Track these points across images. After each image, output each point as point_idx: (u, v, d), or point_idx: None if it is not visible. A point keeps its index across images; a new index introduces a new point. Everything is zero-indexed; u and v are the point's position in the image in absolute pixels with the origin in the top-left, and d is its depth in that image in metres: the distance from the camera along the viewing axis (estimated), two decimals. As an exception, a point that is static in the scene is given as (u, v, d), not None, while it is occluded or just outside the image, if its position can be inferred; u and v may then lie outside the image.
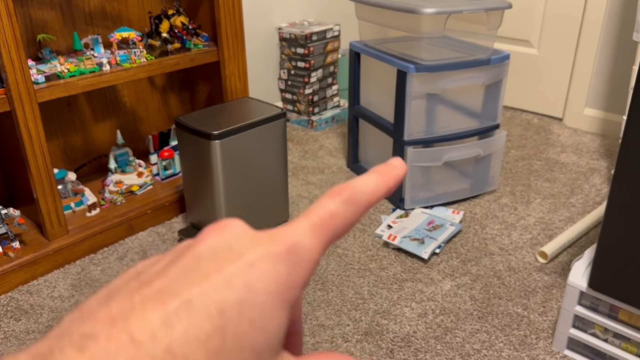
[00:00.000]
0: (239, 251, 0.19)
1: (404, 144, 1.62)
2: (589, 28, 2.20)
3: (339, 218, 0.21)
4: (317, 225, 0.21)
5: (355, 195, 0.22)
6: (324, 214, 0.21)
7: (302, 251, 0.20)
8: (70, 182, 1.60)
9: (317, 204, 0.22)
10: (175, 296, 0.17)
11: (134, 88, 1.82)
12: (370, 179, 0.23)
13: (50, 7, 1.54)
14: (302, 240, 0.20)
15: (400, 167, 0.24)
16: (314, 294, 1.37)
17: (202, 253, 0.19)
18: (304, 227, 0.20)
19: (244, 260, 0.18)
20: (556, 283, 1.39)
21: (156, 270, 0.19)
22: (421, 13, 1.44)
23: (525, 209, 1.72)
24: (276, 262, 0.19)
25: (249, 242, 0.19)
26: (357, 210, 0.22)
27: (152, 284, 0.18)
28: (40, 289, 1.41)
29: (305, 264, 0.20)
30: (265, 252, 0.19)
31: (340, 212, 0.21)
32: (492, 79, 1.64)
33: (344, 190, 0.22)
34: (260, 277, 0.18)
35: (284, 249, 0.19)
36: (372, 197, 0.23)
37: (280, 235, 0.20)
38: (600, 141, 2.21)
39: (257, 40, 2.28)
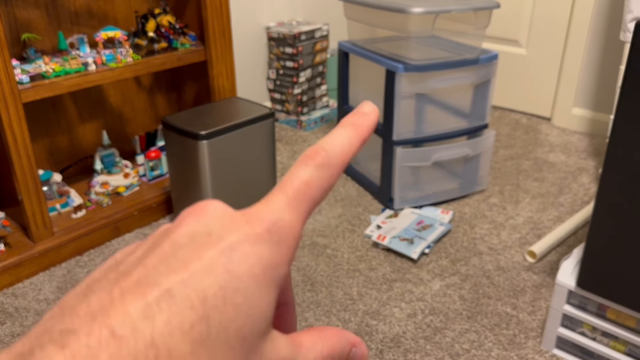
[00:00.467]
0: (218, 235, 0.18)
1: (393, 144, 1.62)
2: (576, 28, 2.21)
3: (315, 185, 0.21)
4: (294, 197, 0.20)
5: (329, 157, 0.21)
6: (299, 184, 0.20)
7: (283, 228, 0.19)
8: (55, 183, 1.58)
9: (291, 173, 0.21)
10: (154, 286, 0.17)
11: (120, 88, 1.80)
12: (342, 135, 0.22)
13: (35, 6, 1.52)
14: (282, 216, 0.19)
15: (371, 113, 0.23)
16: (303, 295, 1.36)
17: (180, 240, 0.18)
18: (281, 202, 0.20)
19: (224, 245, 0.18)
20: (545, 282, 1.40)
21: (134, 260, 0.18)
22: (410, 12, 1.44)
23: (514, 209, 1.73)
24: (257, 243, 0.18)
25: (228, 224, 0.19)
26: (332, 174, 0.21)
27: (130, 274, 0.17)
28: (25, 292, 1.39)
29: (287, 240, 0.19)
30: (246, 234, 0.18)
31: (316, 178, 0.21)
32: (480, 78, 1.64)
33: (317, 153, 0.21)
34: (242, 261, 0.18)
35: (264, 229, 0.19)
36: (347, 155, 0.22)
37: (260, 215, 0.19)
38: (588, 141, 2.22)
39: (245, 39, 2.27)
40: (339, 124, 0.23)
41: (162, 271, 0.17)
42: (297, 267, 1.46)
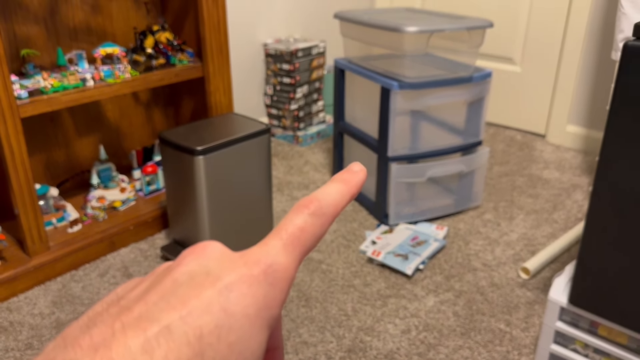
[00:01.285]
0: (216, 275, 0.19)
1: (388, 160, 1.63)
2: (570, 46, 2.24)
3: (309, 231, 0.22)
4: (289, 242, 0.21)
5: (322, 207, 0.22)
6: (294, 230, 0.21)
7: (278, 271, 0.20)
8: (52, 197, 1.58)
9: (286, 220, 0.22)
10: (154, 322, 0.17)
11: (118, 103, 1.81)
12: (334, 188, 0.24)
13: (35, 22, 1.54)
14: (277, 259, 0.20)
15: (360, 172, 0.25)
16: (298, 311, 1.36)
17: (180, 278, 0.19)
18: (277, 246, 0.21)
19: (221, 285, 0.19)
20: (538, 299, 1.40)
21: (135, 295, 0.19)
22: (404, 31, 1.46)
23: (508, 225, 1.74)
24: (253, 284, 0.19)
25: (226, 265, 0.20)
26: (324, 222, 0.22)
27: (131, 309, 0.18)
28: (20, 306, 1.38)
29: (281, 283, 0.20)
30: (242, 275, 0.19)
31: (309, 226, 0.22)
32: (474, 96, 1.66)
33: (311, 203, 0.22)
34: (238, 301, 0.18)
35: (260, 271, 0.20)
36: (338, 206, 0.23)
37: (256, 257, 0.20)
38: (582, 157, 2.24)
39: (243, 56, 2.29)
40: (331, 180, 0.25)
41: (162, 307, 0.18)
42: (291, 283, 1.46)
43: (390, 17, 1.69)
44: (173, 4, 1.75)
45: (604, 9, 2.12)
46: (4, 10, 1.47)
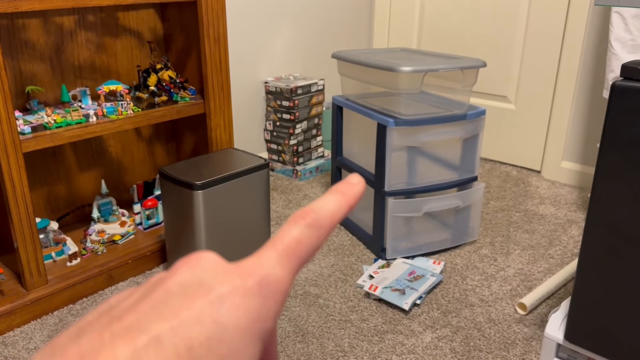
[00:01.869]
0: (209, 286, 0.19)
1: (385, 195, 1.65)
2: (563, 85, 2.29)
3: (305, 243, 0.21)
4: (284, 254, 0.21)
5: (319, 218, 0.22)
6: (289, 242, 0.21)
7: (272, 283, 0.20)
8: (52, 231, 1.60)
9: (282, 231, 0.22)
10: (144, 332, 0.17)
11: (120, 138, 1.85)
12: (332, 200, 0.23)
13: (41, 60, 1.58)
14: (272, 271, 0.20)
15: (358, 184, 0.25)
16: (294, 347, 1.36)
17: (173, 288, 0.19)
18: (272, 258, 0.21)
19: (213, 296, 0.18)
20: (535, 335, 1.40)
21: (127, 305, 0.19)
22: (399, 71, 1.51)
23: (505, 260, 1.75)
24: (247, 296, 0.19)
25: (219, 276, 0.19)
26: (321, 234, 0.22)
27: (122, 319, 0.18)
28: (15, 341, 1.38)
29: (276, 295, 0.20)
30: (236, 286, 0.19)
31: (305, 237, 0.21)
32: (468, 133, 1.69)
33: (307, 214, 0.22)
34: (230, 313, 0.18)
35: (254, 283, 0.19)
36: (335, 218, 0.23)
37: (251, 268, 0.20)
38: (577, 193, 2.26)
39: (244, 92, 2.35)
40: (329, 191, 0.24)
41: (153, 318, 0.18)
42: (288, 318, 1.46)
43: (386, 57, 1.74)
44: (176, 43, 1.80)
45: (596, 49, 2.18)
46: (11, 48, 1.51)
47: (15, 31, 1.52)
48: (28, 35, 1.54)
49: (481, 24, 2.49)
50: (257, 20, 2.32)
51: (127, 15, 1.75)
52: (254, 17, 2.31)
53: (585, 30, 2.18)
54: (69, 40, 1.63)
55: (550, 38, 2.30)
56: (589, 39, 2.18)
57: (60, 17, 1.60)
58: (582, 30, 2.18)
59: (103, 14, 1.69)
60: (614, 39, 1.81)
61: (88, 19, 1.66)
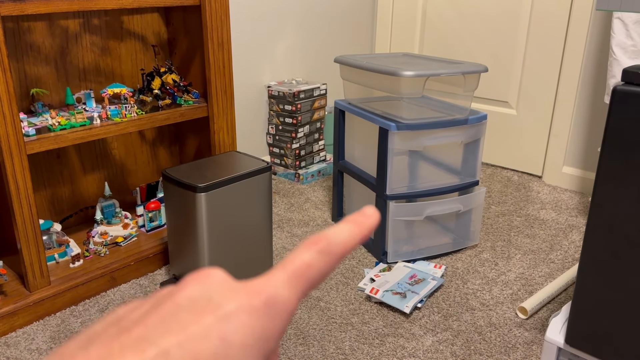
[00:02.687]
0: (217, 303, 0.19)
1: (386, 198, 1.66)
2: (564, 90, 2.30)
3: (315, 268, 0.22)
4: (293, 276, 0.21)
5: (331, 245, 0.23)
6: (300, 265, 0.22)
7: (279, 303, 0.20)
8: (55, 233, 1.60)
9: (293, 254, 0.22)
10: (152, 345, 0.17)
11: (123, 141, 1.86)
12: (345, 229, 0.24)
13: (45, 62, 1.59)
14: (279, 292, 0.20)
15: (373, 216, 0.25)
16: (295, 349, 1.36)
17: (181, 303, 0.19)
18: (281, 279, 0.21)
19: (221, 313, 0.19)
20: (536, 339, 1.40)
21: (136, 318, 0.19)
22: (401, 75, 1.52)
23: (505, 264, 1.75)
24: (253, 315, 0.19)
25: (228, 294, 0.20)
26: (332, 260, 0.23)
27: (131, 331, 0.18)
28: (18, 341, 1.39)
29: (281, 315, 0.20)
30: (243, 304, 0.19)
31: (316, 262, 0.22)
32: (470, 137, 1.70)
33: (320, 240, 0.23)
34: (237, 330, 0.19)
35: (261, 302, 0.20)
36: (347, 246, 0.23)
37: (259, 288, 0.20)
38: (578, 198, 2.26)
39: (247, 96, 2.36)
40: (343, 220, 0.25)
41: (161, 331, 0.18)
42: (290, 320, 1.46)
43: (388, 61, 1.76)
44: (180, 47, 1.82)
45: (597, 55, 2.19)
46: (16, 51, 1.53)
47: (21, 34, 1.53)
48: (33, 38, 1.56)
49: (483, 30, 2.50)
50: (260, 24, 2.34)
51: (132, 19, 1.77)
52: (258, 21, 2.32)
53: (587, 36, 2.19)
54: (73, 43, 1.64)
55: (552, 44, 2.31)
56: (591, 44, 2.19)
57: (65, 20, 1.61)
58: (584, 36, 2.19)
59: (108, 18, 1.71)
60: (615, 45, 1.82)
61: (93, 22, 1.67)
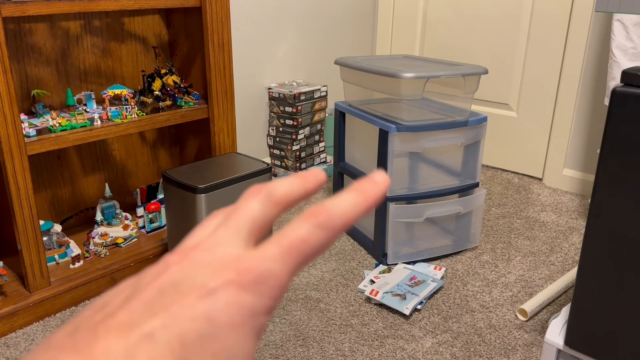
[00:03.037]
0: (202, 283, 0.19)
1: (386, 200, 1.66)
2: (565, 93, 2.30)
3: (311, 243, 0.21)
4: (287, 251, 0.20)
5: (331, 219, 0.21)
6: (295, 239, 0.21)
7: (270, 279, 0.19)
8: (55, 233, 1.61)
9: (289, 227, 0.21)
10: (136, 328, 0.17)
11: (124, 142, 1.86)
12: (349, 199, 0.22)
13: (47, 64, 1.60)
14: (271, 267, 0.20)
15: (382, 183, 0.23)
16: (295, 351, 1.36)
17: (165, 285, 0.19)
18: (274, 253, 0.20)
19: (206, 293, 0.18)
20: (536, 341, 1.40)
21: (120, 302, 0.19)
22: (401, 77, 1.52)
23: (506, 267, 1.75)
24: (241, 292, 0.19)
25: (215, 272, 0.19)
26: (330, 235, 0.21)
27: (115, 316, 0.18)
28: (17, 342, 1.39)
29: (272, 291, 0.19)
30: (231, 282, 0.19)
31: (313, 236, 0.21)
32: (470, 139, 1.70)
33: (319, 213, 0.21)
34: (224, 309, 0.18)
35: (251, 279, 0.19)
36: (348, 219, 0.22)
37: (250, 264, 0.19)
38: (579, 201, 2.26)
39: (248, 98, 2.36)
40: (349, 188, 0.23)
41: (145, 315, 0.18)
42: (289, 322, 1.46)
43: (389, 63, 1.76)
44: (181, 48, 1.82)
45: (597, 57, 2.19)
46: (17, 52, 1.53)
47: (22, 35, 1.53)
48: (34, 40, 1.56)
49: (483, 32, 2.50)
50: (261, 26, 2.34)
51: (133, 20, 1.77)
52: (258, 23, 2.33)
53: (587, 38, 2.19)
54: (74, 44, 1.65)
55: (552, 46, 2.31)
56: (591, 47, 2.20)
57: (66, 22, 1.62)
58: (584, 38, 2.20)
59: (109, 19, 1.71)
60: (615, 47, 1.82)
61: (94, 23, 1.68)
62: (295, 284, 1.64)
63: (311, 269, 1.72)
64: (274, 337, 1.40)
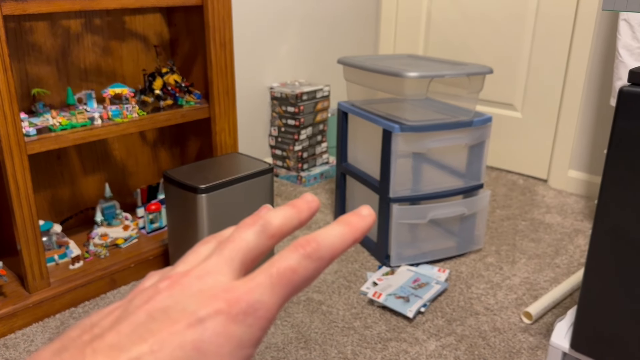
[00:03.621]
0: (192, 312, 0.19)
1: (390, 201, 1.64)
2: (570, 93, 2.28)
3: (300, 274, 0.21)
4: (277, 282, 0.20)
5: (319, 249, 0.22)
6: (285, 270, 0.21)
7: (259, 310, 0.20)
8: (55, 234, 1.59)
9: (279, 257, 0.21)
10: (124, 352, 0.17)
11: (124, 142, 1.85)
12: (337, 232, 0.23)
13: (47, 63, 1.59)
14: (261, 298, 0.20)
15: (368, 217, 0.24)
16: (297, 353, 1.34)
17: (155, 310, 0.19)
18: (264, 284, 0.20)
19: (196, 322, 0.18)
20: (541, 344, 1.38)
21: (108, 324, 0.19)
22: (405, 77, 1.50)
23: (510, 269, 1.73)
24: (230, 323, 0.19)
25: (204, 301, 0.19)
26: (319, 266, 0.22)
27: (104, 337, 0.18)
28: (17, 343, 1.37)
29: (261, 322, 0.20)
30: (220, 313, 0.19)
31: (302, 267, 0.21)
32: (475, 140, 1.68)
33: (308, 244, 0.22)
34: (212, 340, 0.18)
35: (240, 311, 0.19)
36: (337, 250, 0.22)
37: (239, 294, 0.20)
38: (584, 203, 2.24)
39: (250, 98, 2.35)
40: (336, 221, 0.23)
41: (134, 339, 0.18)
42: (291, 324, 1.45)
43: (392, 62, 1.74)
44: (182, 47, 1.81)
45: (603, 57, 2.17)
46: (18, 51, 1.52)
47: (23, 34, 1.52)
48: (35, 38, 1.55)
49: (488, 32, 2.48)
50: (263, 25, 2.33)
51: (134, 19, 1.76)
52: (260, 22, 2.31)
53: (593, 38, 2.17)
54: (75, 43, 1.63)
55: (557, 46, 2.29)
56: (596, 46, 2.17)
57: (67, 20, 1.60)
58: (590, 38, 2.17)
59: (110, 18, 1.70)
60: (621, 47, 1.80)
61: (95, 22, 1.67)
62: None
63: (313, 270, 1.70)
64: (276, 340, 1.39)
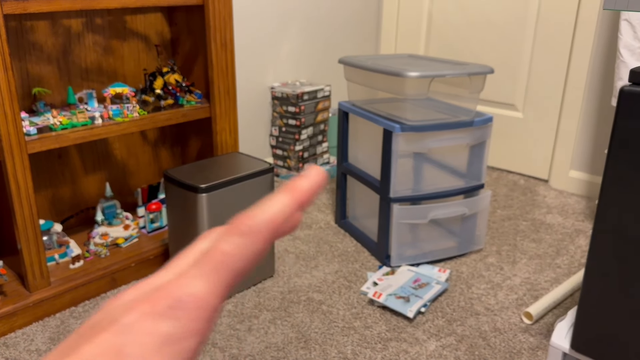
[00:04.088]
0: (115, 319, 0.19)
1: (390, 201, 1.64)
2: (571, 94, 2.27)
3: (236, 255, 0.21)
4: (209, 270, 0.20)
5: (253, 225, 0.22)
6: (217, 256, 0.21)
7: (189, 302, 0.19)
8: (55, 233, 1.59)
9: (213, 244, 0.21)
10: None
11: (125, 142, 1.85)
12: (277, 201, 0.23)
13: (48, 62, 1.59)
14: (190, 290, 0.20)
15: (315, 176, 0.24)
16: (297, 353, 1.34)
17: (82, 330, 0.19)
18: (195, 275, 0.20)
19: (118, 327, 0.19)
20: (541, 344, 1.38)
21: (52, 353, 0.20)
22: (406, 76, 1.50)
23: (511, 269, 1.72)
24: (154, 320, 0.19)
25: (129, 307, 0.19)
26: (257, 240, 0.22)
27: None
28: (17, 342, 1.37)
29: (193, 313, 0.19)
30: (143, 313, 0.19)
31: (237, 247, 0.21)
32: (476, 140, 1.68)
33: (242, 222, 0.22)
34: (135, 341, 0.18)
35: (165, 306, 0.19)
36: (276, 220, 0.22)
37: (166, 291, 0.20)
38: (585, 203, 2.24)
39: (250, 98, 2.35)
40: (281, 189, 0.23)
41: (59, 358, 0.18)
42: (291, 324, 1.45)
43: (393, 62, 1.74)
44: (183, 47, 1.81)
45: (604, 57, 2.16)
46: (18, 50, 1.52)
47: (23, 33, 1.52)
48: (36, 37, 1.55)
49: (489, 32, 2.48)
50: (264, 25, 2.33)
51: (135, 18, 1.76)
52: (261, 22, 2.31)
53: (594, 38, 2.17)
54: (76, 42, 1.63)
55: (559, 46, 2.29)
56: (598, 47, 2.17)
57: (68, 20, 1.60)
58: (591, 38, 2.17)
59: (111, 17, 1.70)
60: (622, 47, 1.79)
61: (96, 21, 1.67)
62: (297, 285, 1.62)
63: (314, 270, 1.70)
64: (276, 340, 1.38)
